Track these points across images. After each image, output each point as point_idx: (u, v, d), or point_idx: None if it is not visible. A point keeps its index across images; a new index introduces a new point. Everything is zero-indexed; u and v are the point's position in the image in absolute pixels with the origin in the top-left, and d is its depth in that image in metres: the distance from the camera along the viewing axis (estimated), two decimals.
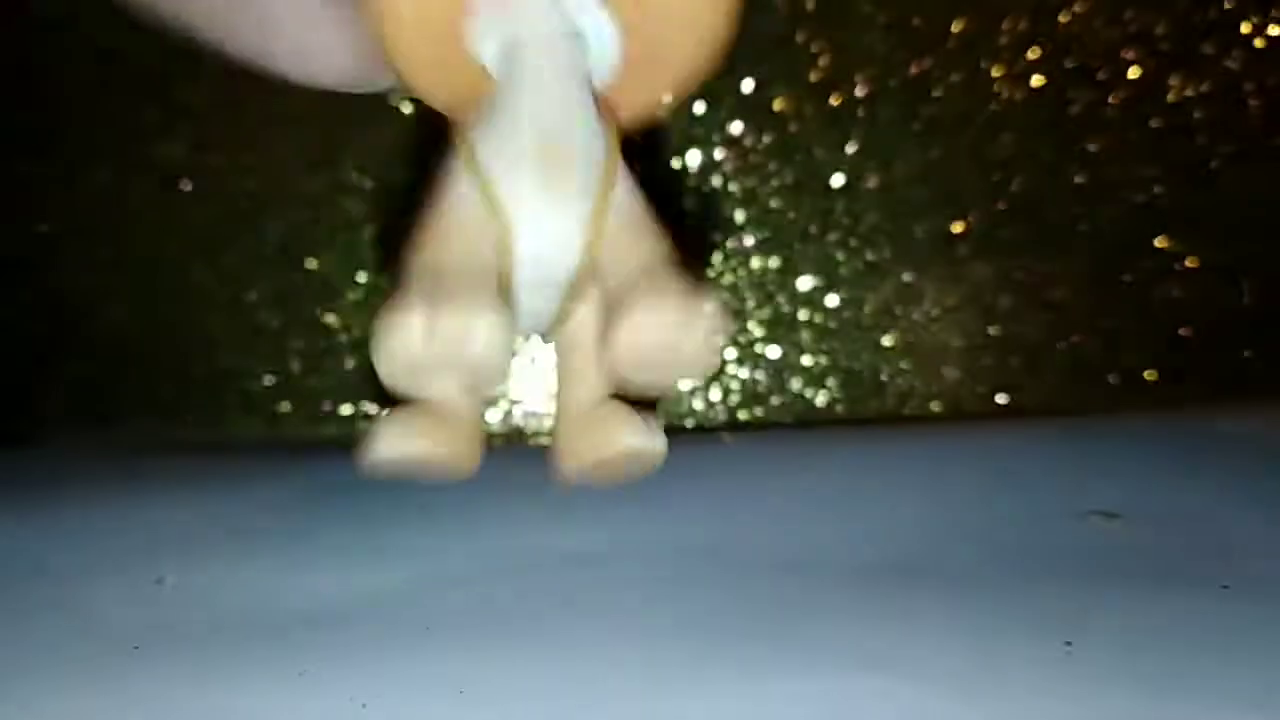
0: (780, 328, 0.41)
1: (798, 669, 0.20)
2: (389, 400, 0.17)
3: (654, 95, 0.18)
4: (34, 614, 0.24)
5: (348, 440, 0.41)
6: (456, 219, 0.16)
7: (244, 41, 0.18)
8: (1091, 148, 0.41)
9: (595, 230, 0.16)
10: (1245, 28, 0.41)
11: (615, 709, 0.19)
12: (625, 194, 0.17)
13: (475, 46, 0.17)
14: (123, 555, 0.27)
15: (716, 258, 0.41)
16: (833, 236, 0.41)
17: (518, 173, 0.16)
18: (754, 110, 0.40)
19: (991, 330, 0.42)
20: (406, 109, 0.39)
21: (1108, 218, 0.41)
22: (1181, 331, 0.42)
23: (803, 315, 0.42)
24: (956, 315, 0.41)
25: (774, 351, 0.41)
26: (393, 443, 0.16)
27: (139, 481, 0.34)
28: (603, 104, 0.17)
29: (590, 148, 0.16)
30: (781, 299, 0.41)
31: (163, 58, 0.38)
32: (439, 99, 0.17)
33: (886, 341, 0.42)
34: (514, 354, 0.16)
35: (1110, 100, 0.41)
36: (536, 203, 0.16)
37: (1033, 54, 0.40)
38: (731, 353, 0.41)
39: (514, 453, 0.37)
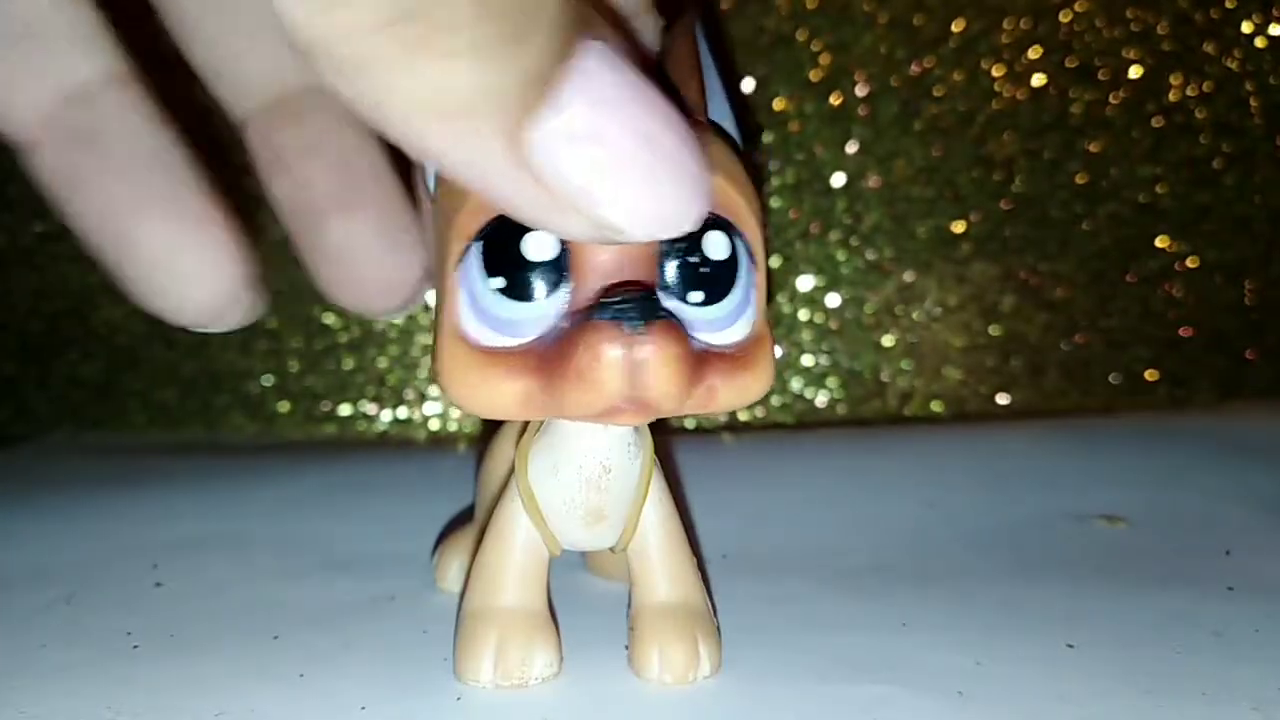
0: (780, 328, 0.41)
1: (797, 673, 0.20)
2: (387, 400, 0.19)
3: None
4: (34, 614, 0.24)
5: (346, 441, 0.41)
6: (512, 536, 0.20)
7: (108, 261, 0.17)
8: (1093, 147, 0.41)
9: (626, 536, 0.20)
10: (1246, 27, 0.41)
11: (613, 709, 0.19)
12: (658, 507, 0.20)
13: None
14: (121, 556, 0.27)
15: None
16: (833, 236, 0.41)
17: (564, 510, 0.19)
18: (754, 110, 0.40)
19: (993, 330, 0.42)
20: None
21: (1109, 217, 0.41)
22: (1182, 331, 0.42)
23: (803, 315, 0.41)
24: (958, 315, 0.41)
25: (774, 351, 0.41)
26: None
27: (137, 482, 0.34)
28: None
29: (629, 471, 0.19)
30: (781, 299, 0.41)
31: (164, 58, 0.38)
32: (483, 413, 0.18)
33: (887, 341, 0.42)
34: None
35: (1111, 100, 0.41)
36: (579, 534, 0.20)
37: (1034, 53, 0.40)
38: None
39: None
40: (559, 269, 0.16)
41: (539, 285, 0.16)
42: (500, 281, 0.16)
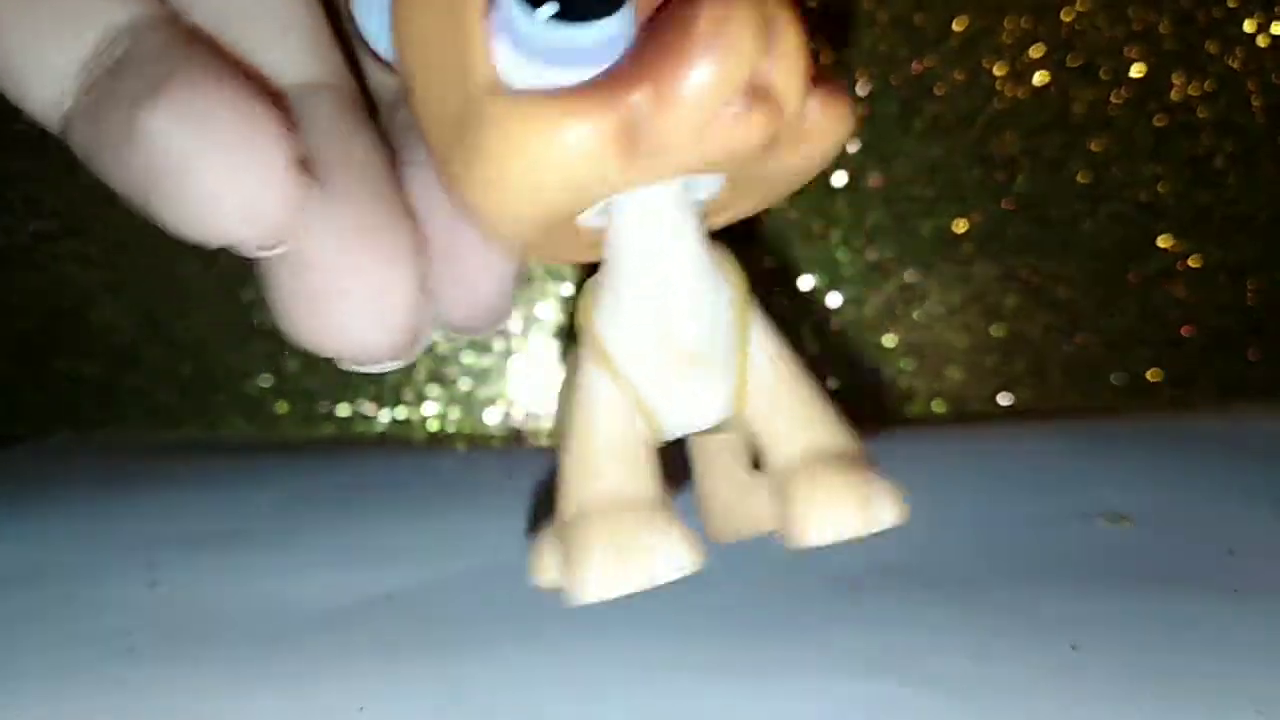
0: (780, 328, 0.41)
1: (799, 671, 0.20)
2: (385, 400, 0.17)
3: (756, 204, 0.17)
4: (30, 615, 0.24)
5: (345, 441, 0.41)
6: (604, 420, 0.15)
7: (133, 193, 0.14)
8: (1094, 146, 0.41)
9: (739, 397, 0.16)
10: (1248, 26, 0.41)
11: (614, 710, 0.19)
12: (764, 346, 0.16)
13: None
14: (119, 556, 0.27)
15: None
16: (835, 236, 0.41)
17: (654, 356, 0.15)
18: None
19: (994, 330, 0.42)
20: None
21: (1111, 217, 0.41)
22: (1184, 331, 0.42)
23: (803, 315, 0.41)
24: (959, 315, 0.41)
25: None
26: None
27: (135, 482, 0.34)
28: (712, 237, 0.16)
29: (717, 299, 0.15)
30: (782, 299, 0.41)
31: None
32: (544, 261, 0.16)
33: (888, 341, 0.42)
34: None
35: (1113, 99, 0.41)
36: (677, 392, 0.15)
37: (1035, 52, 0.40)
38: None
39: (514, 452, 0.37)
40: None
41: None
42: (552, 7, 0.13)
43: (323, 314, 0.15)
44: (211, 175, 0.13)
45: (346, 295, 0.15)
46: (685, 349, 0.15)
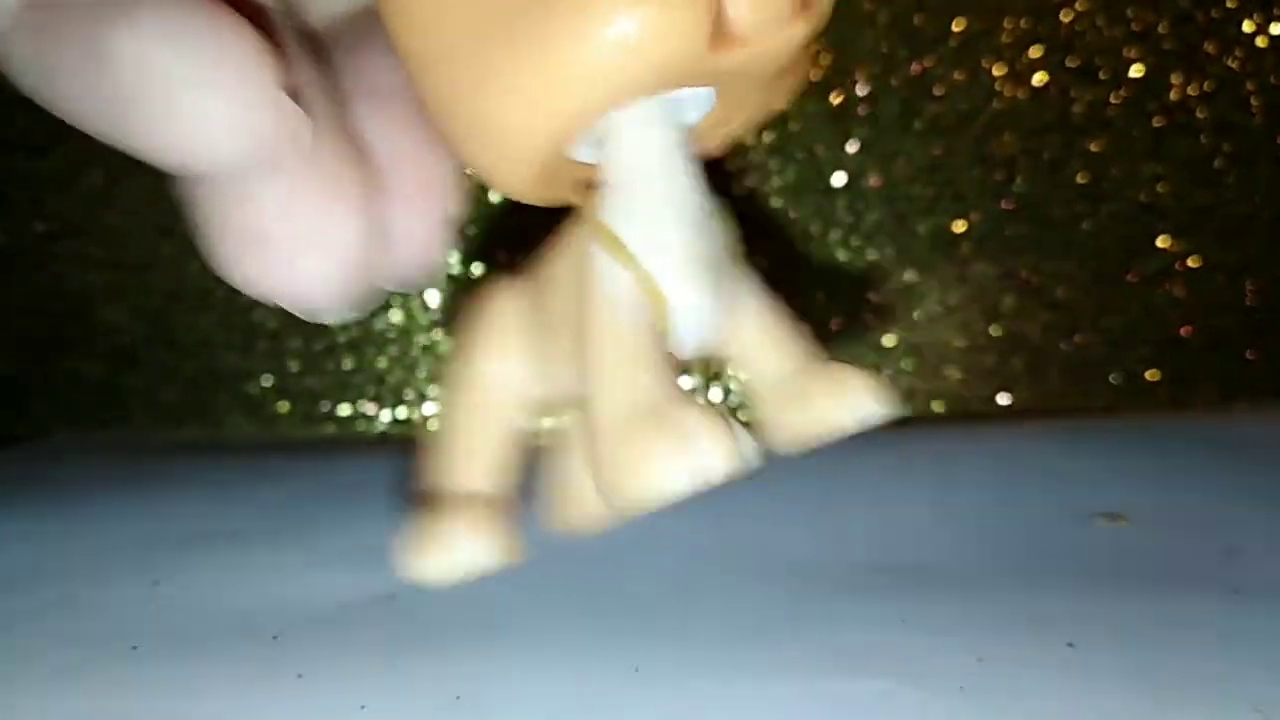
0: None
1: (799, 670, 0.20)
2: (386, 400, 0.16)
3: (734, 130, 0.17)
4: (31, 615, 0.24)
5: (345, 440, 0.41)
6: (635, 319, 0.15)
7: (98, 119, 0.13)
8: (1093, 147, 0.41)
9: (726, 323, 0.16)
10: (1247, 26, 0.41)
11: (613, 710, 0.19)
12: (748, 280, 0.16)
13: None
14: (120, 556, 0.27)
15: None
16: (834, 236, 0.41)
17: (675, 261, 0.15)
18: None
19: (993, 330, 0.42)
20: None
21: (1110, 217, 0.41)
22: (1183, 331, 0.42)
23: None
24: (958, 315, 0.41)
25: None
26: (441, 564, 0.17)
27: (137, 482, 0.34)
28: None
29: (717, 227, 0.15)
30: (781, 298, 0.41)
31: None
32: (526, 196, 0.15)
33: (887, 341, 0.42)
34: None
35: (1112, 99, 0.41)
36: (694, 292, 0.15)
37: (1034, 53, 0.40)
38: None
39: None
40: None
41: None
42: None
43: (263, 253, 0.14)
44: (197, 95, 0.12)
45: (289, 233, 0.14)
46: (699, 249, 0.15)
